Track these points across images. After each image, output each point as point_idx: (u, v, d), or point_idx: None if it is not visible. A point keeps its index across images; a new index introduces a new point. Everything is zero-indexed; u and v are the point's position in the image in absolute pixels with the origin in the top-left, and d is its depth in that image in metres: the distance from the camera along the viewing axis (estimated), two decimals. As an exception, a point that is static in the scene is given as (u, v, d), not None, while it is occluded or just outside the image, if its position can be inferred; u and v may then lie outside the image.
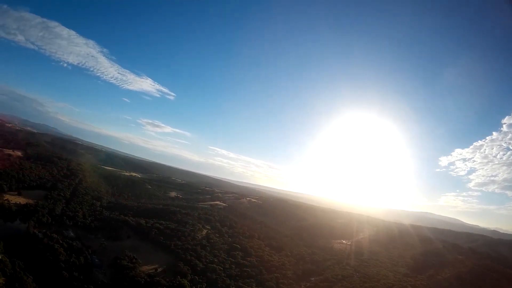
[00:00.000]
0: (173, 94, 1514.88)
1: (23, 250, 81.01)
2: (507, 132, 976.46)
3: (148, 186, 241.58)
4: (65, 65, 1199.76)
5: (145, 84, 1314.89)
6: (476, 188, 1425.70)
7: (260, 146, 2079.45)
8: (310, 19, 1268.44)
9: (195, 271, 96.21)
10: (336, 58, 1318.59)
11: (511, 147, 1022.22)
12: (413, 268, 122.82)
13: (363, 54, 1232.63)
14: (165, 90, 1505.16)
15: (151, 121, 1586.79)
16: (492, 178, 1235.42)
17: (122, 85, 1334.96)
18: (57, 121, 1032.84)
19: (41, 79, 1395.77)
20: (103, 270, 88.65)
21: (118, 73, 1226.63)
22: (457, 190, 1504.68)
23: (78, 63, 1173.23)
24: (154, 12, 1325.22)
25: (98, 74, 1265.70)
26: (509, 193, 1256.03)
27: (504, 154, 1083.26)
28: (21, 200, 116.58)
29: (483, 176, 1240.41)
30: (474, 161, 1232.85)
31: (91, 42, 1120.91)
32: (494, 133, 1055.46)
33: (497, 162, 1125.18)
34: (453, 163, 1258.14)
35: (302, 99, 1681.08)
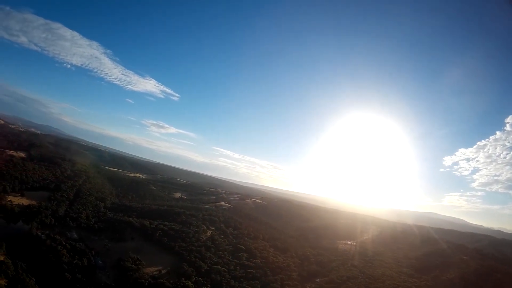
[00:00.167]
0: (177, 95, 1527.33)
1: (26, 252, 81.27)
2: (511, 132, 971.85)
3: (152, 187, 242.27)
4: (69, 66, 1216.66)
5: (149, 85, 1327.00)
6: (480, 188, 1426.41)
7: (265, 147, 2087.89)
8: (314, 20, 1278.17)
9: (200, 273, 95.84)
10: (340, 59, 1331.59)
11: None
12: (418, 269, 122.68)
13: (367, 55, 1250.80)
14: (169, 91, 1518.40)
15: (155, 122, 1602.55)
16: (496, 178, 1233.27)
17: (126, 86, 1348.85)
18: (61, 122, 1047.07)
19: (45, 81, 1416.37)
20: (107, 272, 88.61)
21: (122, 74, 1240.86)
22: (461, 190, 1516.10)
23: (82, 64, 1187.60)
24: (158, 13, 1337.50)
25: (102, 75, 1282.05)
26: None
27: (508, 154, 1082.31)
28: (24, 201, 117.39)
29: (487, 176, 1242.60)
30: (478, 161, 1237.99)
31: (95, 43, 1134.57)
32: (498, 133, 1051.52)
33: (501, 162, 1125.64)
34: (457, 163, 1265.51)
35: (306, 100, 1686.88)
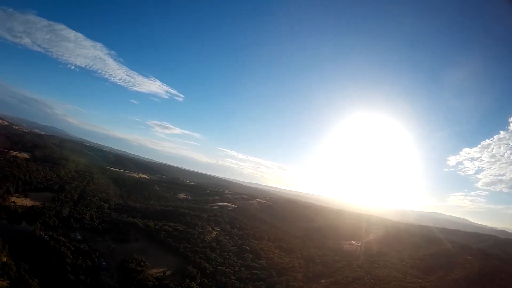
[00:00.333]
0: (182, 96, 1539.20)
1: (29, 253, 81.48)
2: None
3: (157, 188, 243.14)
4: (73, 68, 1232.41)
5: (154, 86, 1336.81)
6: (484, 188, 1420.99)
7: (270, 147, 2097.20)
8: (318, 21, 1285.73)
9: (205, 274, 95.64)
10: (344, 59, 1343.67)
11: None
12: (423, 269, 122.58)
13: (371, 56, 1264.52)
14: (174, 92, 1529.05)
15: (160, 123, 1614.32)
16: (500, 178, 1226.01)
17: (130, 87, 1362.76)
18: (65, 123, 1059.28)
19: (49, 82, 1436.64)
20: (111, 273, 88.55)
21: (126, 75, 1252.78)
22: (465, 190, 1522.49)
23: (86, 66, 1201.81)
24: (162, 14, 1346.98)
25: (106, 76, 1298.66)
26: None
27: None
28: (28, 202, 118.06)
29: (491, 176, 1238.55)
30: (482, 160, 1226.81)
31: (99, 45, 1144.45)
32: (502, 132, 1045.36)
33: (505, 161, 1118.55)
34: (461, 163, 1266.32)
35: (311, 100, 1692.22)
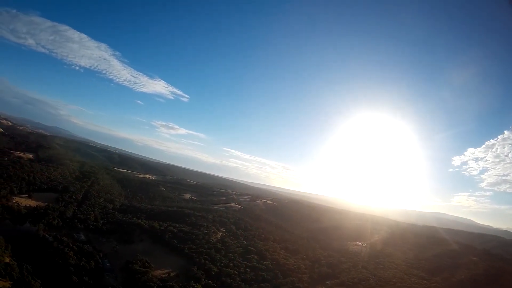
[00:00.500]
0: (187, 96, 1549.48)
1: (32, 254, 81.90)
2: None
3: (162, 188, 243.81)
4: (77, 68, 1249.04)
5: (159, 87, 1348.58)
6: (488, 188, 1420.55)
7: (275, 148, 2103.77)
8: (324, 22, 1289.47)
9: (209, 276, 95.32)
10: (349, 60, 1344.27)
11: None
12: (428, 270, 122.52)
13: (376, 56, 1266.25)
14: (179, 92, 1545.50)
15: (165, 123, 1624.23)
16: (504, 178, 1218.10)
17: (135, 88, 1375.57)
18: (70, 124, 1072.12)
19: (53, 82, 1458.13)
20: (114, 275, 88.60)
21: (131, 76, 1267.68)
22: (470, 190, 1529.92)
23: (91, 66, 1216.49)
24: (166, 15, 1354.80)
25: (111, 77, 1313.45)
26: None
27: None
28: (31, 203, 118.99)
29: (495, 176, 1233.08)
30: (486, 161, 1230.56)
31: (103, 45, 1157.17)
32: (506, 132, 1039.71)
33: (509, 161, 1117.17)
34: (466, 163, 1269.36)
35: (316, 100, 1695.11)
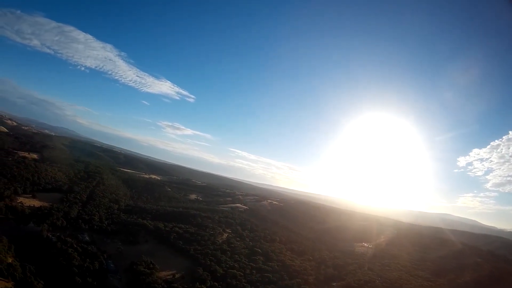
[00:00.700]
0: (193, 97, 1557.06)
1: (35, 254, 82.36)
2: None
3: (168, 189, 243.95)
4: (83, 69, 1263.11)
5: (164, 87, 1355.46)
6: (493, 189, 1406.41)
7: (281, 148, 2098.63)
8: (329, 22, 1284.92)
9: (215, 277, 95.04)
10: (355, 61, 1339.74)
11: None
12: (434, 272, 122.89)
13: (382, 57, 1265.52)
14: (185, 93, 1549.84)
15: (171, 124, 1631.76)
16: (509, 179, 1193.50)
17: (141, 88, 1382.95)
18: (76, 124, 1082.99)
19: (59, 83, 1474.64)
20: (119, 276, 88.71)
21: (137, 76, 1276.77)
22: (475, 191, 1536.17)
23: (96, 67, 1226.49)
24: (172, 15, 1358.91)
25: (117, 78, 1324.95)
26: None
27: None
28: (35, 203, 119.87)
29: (500, 176, 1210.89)
30: (491, 161, 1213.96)
31: (109, 46, 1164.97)
32: (511, 132, 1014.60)
33: None
34: (471, 163, 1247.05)
35: (322, 101, 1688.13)
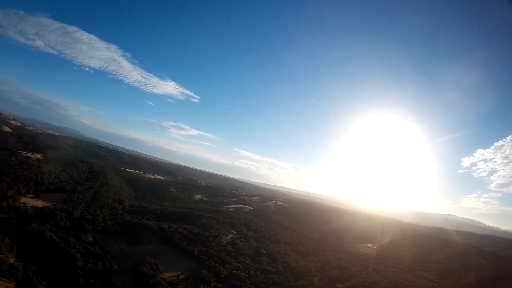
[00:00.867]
0: (198, 97, 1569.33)
1: (38, 255, 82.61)
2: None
3: (172, 189, 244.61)
4: (87, 69, 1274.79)
5: (169, 87, 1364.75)
6: (497, 189, 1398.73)
7: (285, 148, 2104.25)
8: (334, 22, 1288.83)
9: (219, 279, 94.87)
10: (359, 61, 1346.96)
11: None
12: (438, 273, 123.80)
13: (386, 57, 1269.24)
14: (190, 93, 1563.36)
15: (176, 124, 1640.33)
16: None
17: (146, 89, 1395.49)
18: (80, 124, 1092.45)
19: (63, 83, 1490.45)
20: (122, 277, 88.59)
21: (141, 77, 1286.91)
22: (479, 192, 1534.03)
23: (100, 67, 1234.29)
24: (177, 16, 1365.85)
25: (121, 78, 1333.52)
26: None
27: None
28: (39, 203, 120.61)
29: (504, 177, 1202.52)
30: (495, 162, 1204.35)
31: (113, 46, 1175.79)
32: None
33: None
34: (475, 164, 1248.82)
35: (326, 101, 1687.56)
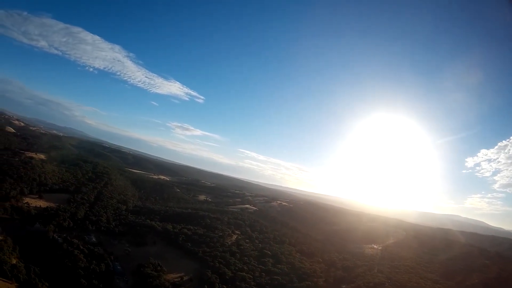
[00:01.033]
0: (202, 97, 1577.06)
1: (41, 255, 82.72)
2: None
3: (177, 189, 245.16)
4: (91, 70, 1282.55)
5: (174, 88, 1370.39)
6: (501, 190, 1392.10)
7: (290, 149, 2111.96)
8: (339, 22, 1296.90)
9: (224, 280, 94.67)
10: (364, 62, 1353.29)
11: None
12: (442, 274, 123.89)
13: (390, 58, 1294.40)
14: (194, 94, 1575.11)
15: (180, 124, 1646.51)
16: None
17: (150, 89, 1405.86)
18: (84, 125, 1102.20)
19: (67, 84, 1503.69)
20: (125, 278, 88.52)
21: (146, 77, 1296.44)
22: (483, 192, 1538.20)
23: (105, 68, 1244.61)
24: (181, 16, 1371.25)
25: (125, 78, 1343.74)
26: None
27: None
28: (42, 204, 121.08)
29: (507, 177, 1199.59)
30: (499, 162, 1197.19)
31: (117, 47, 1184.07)
32: None
33: None
34: (479, 164, 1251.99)
35: (331, 102, 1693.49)
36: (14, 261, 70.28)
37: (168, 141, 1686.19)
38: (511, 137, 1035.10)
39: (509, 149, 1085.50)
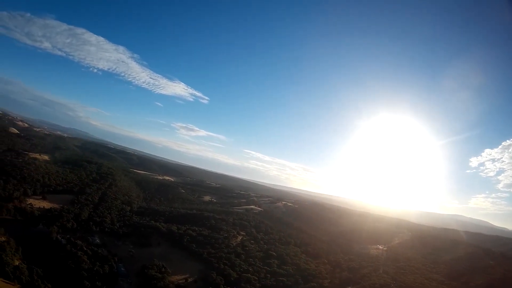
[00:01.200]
0: (207, 98, 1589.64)
1: (44, 257, 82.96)
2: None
3: (182, 190, 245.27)
4: (95, 71, 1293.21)
5: (178, 89, 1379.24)
6: (505, 189, 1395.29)
7: (295, 149, 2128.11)
8: (343, 23, 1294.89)
9: (228, 282, 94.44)
10: (368, 62, 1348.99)
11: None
12: (447, 275, 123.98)
13: (394, 58, 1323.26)
14: (199, 94, 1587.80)
15: (185, 125, 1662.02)
16: None
17: (155, 90, 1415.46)
18: (88, 125, 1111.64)
19: (71, 85, 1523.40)
20: (129, 280, 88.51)
21: (150, 78, 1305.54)
22: (487, 192, 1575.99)
23: (109, 69, 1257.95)
24: (186, 17, 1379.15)
25: (130, 79, 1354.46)
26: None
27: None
28: (45, 205, 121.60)
29: (511, 177, 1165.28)
30: (503, 161, 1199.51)
31: (121, 48, 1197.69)
32: None
33: None
34: (483, 164, 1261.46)
35: (336, 102, 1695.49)
36: (17, 262, 70.48)
37: (173, 142, 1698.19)
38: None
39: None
